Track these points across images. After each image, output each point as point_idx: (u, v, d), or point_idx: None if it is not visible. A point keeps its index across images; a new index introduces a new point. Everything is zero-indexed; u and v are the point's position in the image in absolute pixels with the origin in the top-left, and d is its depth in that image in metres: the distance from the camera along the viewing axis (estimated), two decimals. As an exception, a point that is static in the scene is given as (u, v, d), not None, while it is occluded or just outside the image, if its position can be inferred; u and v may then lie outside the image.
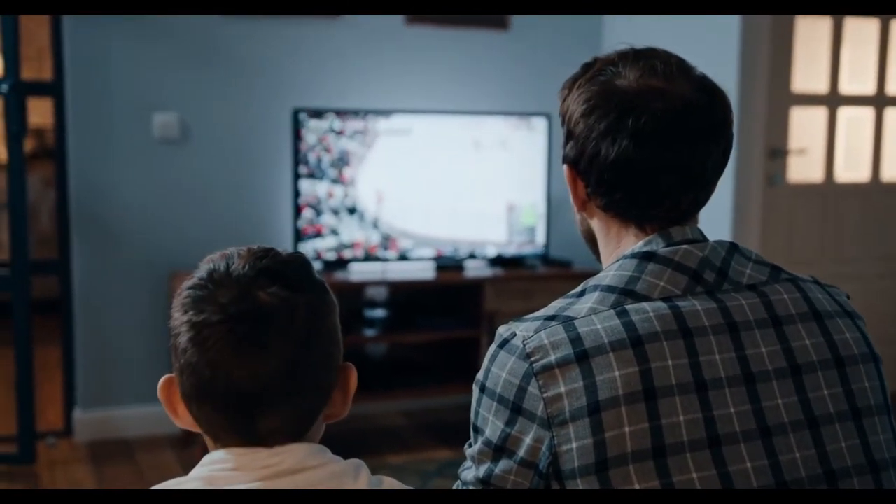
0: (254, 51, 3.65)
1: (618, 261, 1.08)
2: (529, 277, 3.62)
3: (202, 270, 0.97)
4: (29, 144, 6.06)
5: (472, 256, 3.70)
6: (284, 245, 3.56)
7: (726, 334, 1.02)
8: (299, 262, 0.99)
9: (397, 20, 3.81)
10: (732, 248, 1.09)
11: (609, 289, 1.04)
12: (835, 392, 1.03)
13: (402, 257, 3.62)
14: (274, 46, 3.67)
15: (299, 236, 3.48)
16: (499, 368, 1.03)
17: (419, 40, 3.87)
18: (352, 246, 3.54)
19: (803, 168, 3.80)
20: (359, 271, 3.55)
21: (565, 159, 1.14)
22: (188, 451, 3.44)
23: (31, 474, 3.26)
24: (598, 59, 1.14)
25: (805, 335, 1.05)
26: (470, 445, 1.07)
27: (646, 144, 1.06)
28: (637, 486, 0.95)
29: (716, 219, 3.59)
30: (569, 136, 1.13)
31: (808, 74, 3.77)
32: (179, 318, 0.94)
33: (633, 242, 1.10)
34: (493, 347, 1.05)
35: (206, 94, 3.61)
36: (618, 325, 1.00)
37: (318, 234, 3.50)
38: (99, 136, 3.50)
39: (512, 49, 3.99)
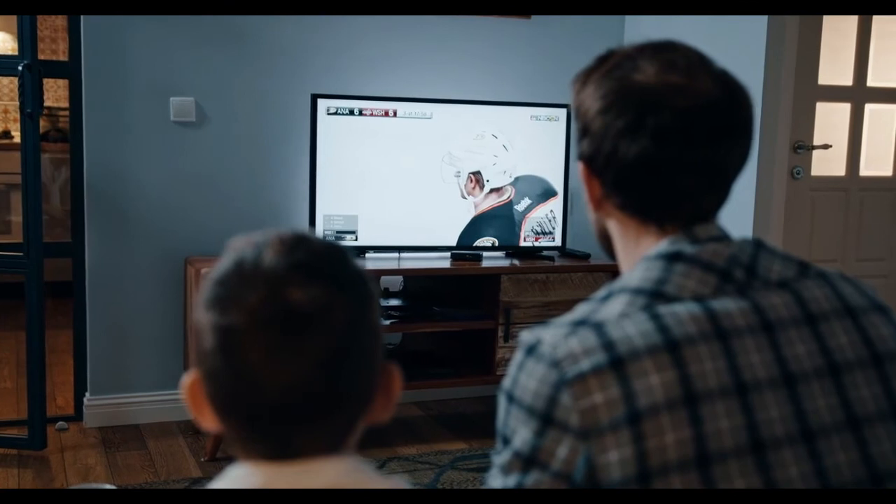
0: (272, 35, 3.60)
1: (642, 262, 1.04)
2: (547, 269, 3.58)
3: (228, 261, 0.84)
4: (41, 125, 6.02)
5: (489, 247, 3.66)
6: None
7: (762, 334, 0.98)
8: (337, 252, 0.87)
9: (417, 6, 3.76)
10: (758, 244, 1.05)
11: (637, 291, 1.00)
12: (875, 391, 0.99)
13: (419, 247, 3.58)
14: (293, 31, 3.63)
15: (315, 222, 3.44)
16: (527, 377, 0.97)
17: (439, 26, 3.82)
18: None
19: (827, 163, 3.75)
20: (374, 259, 3.50)
21: (581, 156, 1.09)
22: (199, 438, 3.41)
23: (42, 459, 3.22)
24: (614, 52, 1.09)
25: (841, 332, 1.01)
26: (498, 453, 1.01)
27: (667, 144, 1.01)
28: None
29: (738, 212, 3.54)
30: (584, 132, 1.08)
31: (835, 68, 3.72)
32: (203, 316, 0.83)
33: (654, 243, 1.06)
34: (518, 355, 1.00)
35: (224, 77, 3.57)
36: (651, 328, 0.95)
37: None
38: (114, 118, 3.46)
39: (533, 38, 3.94)
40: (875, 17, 3.72)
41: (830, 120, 3.75)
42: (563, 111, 3.67)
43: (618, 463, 0.91)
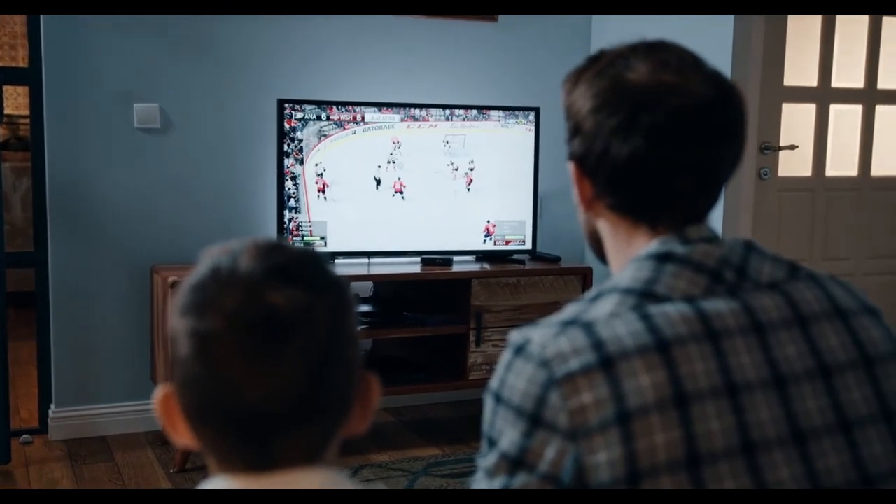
0: (238, 40, 3.56)
1: (633, 262, 1.03)
2: (517, 273, 3.56)
3: (203, 267, 0.83)
4: (1, 133, 5.91)
5: (459, 251, 3.64)
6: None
7: (753, 335, 0.97)
8: (313, 258, 0.86)
9: (384, 10, 3.73)
10: (748, 246, 1.05)
11: (627, 291, 0.99)
12: (866, 393, 0.99)
13: (389, 252, 3.55)
14: (259, 36, 3.59)
15: (283, 228, 3.40)
16: (515, 377, 0.96)
17: (406, 31, 3.79)
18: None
19: (794, 164, 3.78)
20: (344, 264, 3.47)
21: (571, 156, 1.08)
22: (168, 449, 3.35)
23: (6, 474, 3.15)
24: (605, 52, 1.08)
25: (831, 334, 1.00)
26: (483, 456, 1.00)
27: (660, 143, 1.01)
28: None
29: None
30: (575, 131, 1.07)
31: (800, 69, 3.74)
32: (179, 323, 0.81)
33: (645, 243, 1.05)
34: (506, 355, 0.99)
35: (189, 83, 3.52)
36: (641, 328, 0.94)
37: (300, 227, 3.43)
38: (77, 125, 3.40)
39: (501, 41, 3.93)
40: (839, 18, 3.76)
41: (796, 121, 3.78)
42: (533, 114, 3.66)
43: (606, 464, 0.90)
